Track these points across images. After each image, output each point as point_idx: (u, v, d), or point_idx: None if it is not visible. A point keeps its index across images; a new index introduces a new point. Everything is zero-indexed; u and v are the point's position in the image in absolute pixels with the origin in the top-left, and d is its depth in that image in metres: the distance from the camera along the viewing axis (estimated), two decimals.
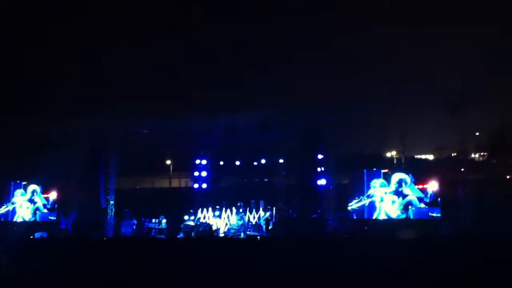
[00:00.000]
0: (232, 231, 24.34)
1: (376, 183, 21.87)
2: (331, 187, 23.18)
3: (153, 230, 24.68)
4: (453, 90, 17.22)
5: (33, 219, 25.18)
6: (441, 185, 21.13)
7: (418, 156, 36.08)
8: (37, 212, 25.19)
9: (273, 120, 21.65)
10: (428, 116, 21.90)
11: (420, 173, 21.87)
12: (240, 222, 24.67)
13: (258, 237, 22.65)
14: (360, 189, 22.07)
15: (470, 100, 16.06)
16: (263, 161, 26.50)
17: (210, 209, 25.74)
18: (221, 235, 24.49)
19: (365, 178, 22.10)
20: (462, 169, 23.77)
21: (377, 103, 18.60)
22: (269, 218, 24.52)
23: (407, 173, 21.75)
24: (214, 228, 24.67)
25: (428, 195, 21.14)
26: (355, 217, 22.01)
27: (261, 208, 25.16)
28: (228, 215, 25.41)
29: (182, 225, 25.07)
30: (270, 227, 23.88)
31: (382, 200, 21.71)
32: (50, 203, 25.05)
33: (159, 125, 22.62)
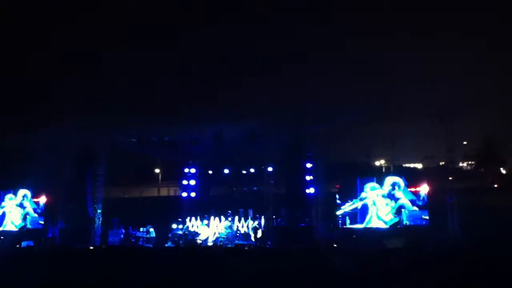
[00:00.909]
0: (221, 239, 24.26)
1: (368, 186, 21.83)
2: (319, 195, 23.15)
3: (141, 239, 24.54)
4: (441, 99, 17.32)
5: (23, 224, 24.88)
6: (429, 194, 21.15)
7: (407, 165, 36.21)
8: (27, 216, 24.91)
9: (261, 129, 21.60)
10: (417, 125, 21.96)
11: (411, 177, 21.87)
12: (229, 231, 24.60)
13: (246, 247, 22.56)
14: (353, 193, 22.05)
15: (457, 109, 16.15)
16: (251, 169, 26.46)
17: (198, 217, 25.62)
18: (210, 243, 24.38)
19: (358, 184, 22.10)
20: (450, 178, 23.84)
21: (363, 113, 18.64)
22: (258, 227, 24.45)
23: (400, 176, 21.76)
24: (202, 237, 24.57)
25: (421, 198, 21.11)
26: (348, 222, 21.90)
27: (249, 217, 25.07)
28: (216, 224, 25.30)
29: (170, 234, 24.95)
30: (258, 236, 23.81)
31: (374, 204, 21.65)
32: (40, 207, 24.79)
33: (147, 134, 22.51)
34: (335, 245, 21.15)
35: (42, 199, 24.82)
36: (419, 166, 37.27)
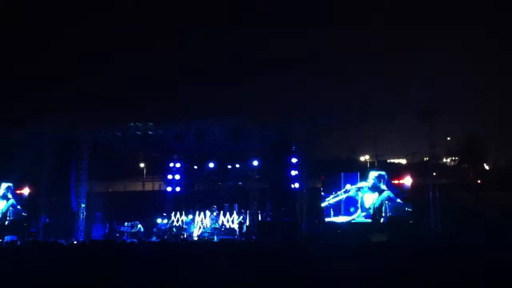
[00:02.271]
0: (206, 234, 24.27)
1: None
2: (304, 190, 23.22)
3: (125, 234, 24.47)
4: (425, 96, 17.42)
5: (7, 216, 24.59)
6: (412, 187, 21.30)
7: (391, 160, 36.44)
8: (10, 208, 24.64)
9: (246, 125, 21.58)
10: (401, 122, 22.11)
11: (395, 171, 22.02)
12: (214, 226, 24.62)
13: (233, 241, 22.59)
14: (337, 186, 22.15)
15: (441, 106, 16.28)
16: (237, 165, 26.47)
17: (183, 212, 25.61)
18: (195, 238, 24.39)
19: (342, 178, 22.20)
20: (434, 174, 24.02)
21: (348, 112, 18.73)
22: (243, 221, 24.49)
23: (384, 170, 21.90)
24: (188, 231, 24.57)
25: (404, 191, 21.24)
26: (332, 214, 21.99)
27: (234, 212, 25.11)
28: (201, 219, 25.31)
29: (155, 229, 24.91)
30: (243, 231, 23.84)
31: (356, 195, 21.75)
32: (23, 200, 24.54)
33: (131, 129, 22.40)
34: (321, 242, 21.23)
35: (26, 192, 24.60)
36: (403, 161, 37.56)
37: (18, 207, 24.60)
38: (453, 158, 30.43)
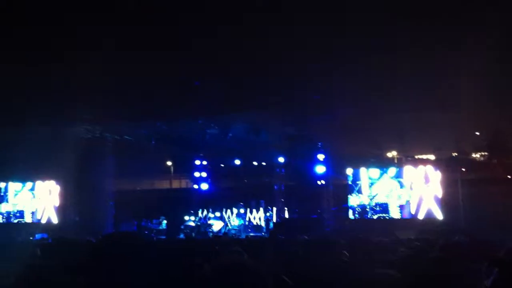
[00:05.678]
0: (233, 231, 24.43)
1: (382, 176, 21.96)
2: (331, 187, 23.21)
3: (154, 231, 24.76)
4: (450, 89, 17.19)
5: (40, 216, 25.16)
6: (442, 184, 21.14)
7: (419, 156, 36.02)
8: (44, 208, 25.25)
9: (266, 121, 21.57)
10: (427, 116, 21.85)
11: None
12: (241, 223, 24.76)
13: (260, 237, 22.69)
14: (364, 181, 22.13)
15: (467, 99, 16.05)
16: (263, 162, 26.54)
17: (210, 209, 25.80)
18: (222, 235, 24.55)
19: (368, 175, 22.17)
20: (463, 169, 23.76)
21: (370, 105, 18.58)
22: (269, 218, 24.58)
23: (413, 166, 21.84)
24: (215, 228, 24.75)
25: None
26: (358, 212, 21.98)
27: (261, 209, 25.20)
28: (228, 216, 25.46)
29: (182, 226, 25.16)
30: (270, 228, 23.93)
31: (383, 191, 21.70)
32: (53, 200, 25.09)
33: (155, 128, 22.64)
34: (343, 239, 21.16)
35: (55, 192, 25.10)
36: (431, 157, 37.10)
37: (50, 207, 25.18)
38: (482, 153, 30.00)
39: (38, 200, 25.43)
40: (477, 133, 27.23)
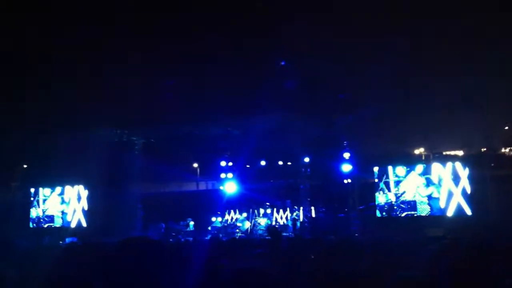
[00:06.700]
0: (260, 232, 24.46)
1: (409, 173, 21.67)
2: (357, 185, 23.05)
3: (181, 233, 24.94)
4: (478, 84, 16.95)
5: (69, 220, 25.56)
6: (471, 181, 20.81)
7: (447, 153, 35.57)
8: (73, 213, 25.62)
9: (290, 121, 21.54)
10: (455, 112, 21.60)
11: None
12: (267, 223, 24.77)
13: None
14: (392, 180, 21.90)
15: (494, 94, 15.79)
16: (288, 162, 26.51)
17: (237, 210, 25.89)
18: (248, 235, 24.61)
19: (395, 173, 21.93)
20: (492, 165, 23.37)
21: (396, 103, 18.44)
22: (296, 218, 24.54)
23: (440, 163, 21.50)
24: (242, 229, 24.83)
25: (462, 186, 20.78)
26: (385, 210, 21.77)
27: (288, 209, 25.18)
28: (255, 216, 25.50)
29: (209, 227, 25.31)
30: (297, 227, 23.89)
31: (411, 188, 21.42)
32: (81, 203, 25.44)
33: (179, 130, 22.83)
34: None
35: (84, 196, 25.46)
36: (459, 153, 36.60)
37: (79, 211, 25.55)
38: (511, 148, 29.51)
39: (68, 205, 25.81)
40: (506, 128, 26.80)
